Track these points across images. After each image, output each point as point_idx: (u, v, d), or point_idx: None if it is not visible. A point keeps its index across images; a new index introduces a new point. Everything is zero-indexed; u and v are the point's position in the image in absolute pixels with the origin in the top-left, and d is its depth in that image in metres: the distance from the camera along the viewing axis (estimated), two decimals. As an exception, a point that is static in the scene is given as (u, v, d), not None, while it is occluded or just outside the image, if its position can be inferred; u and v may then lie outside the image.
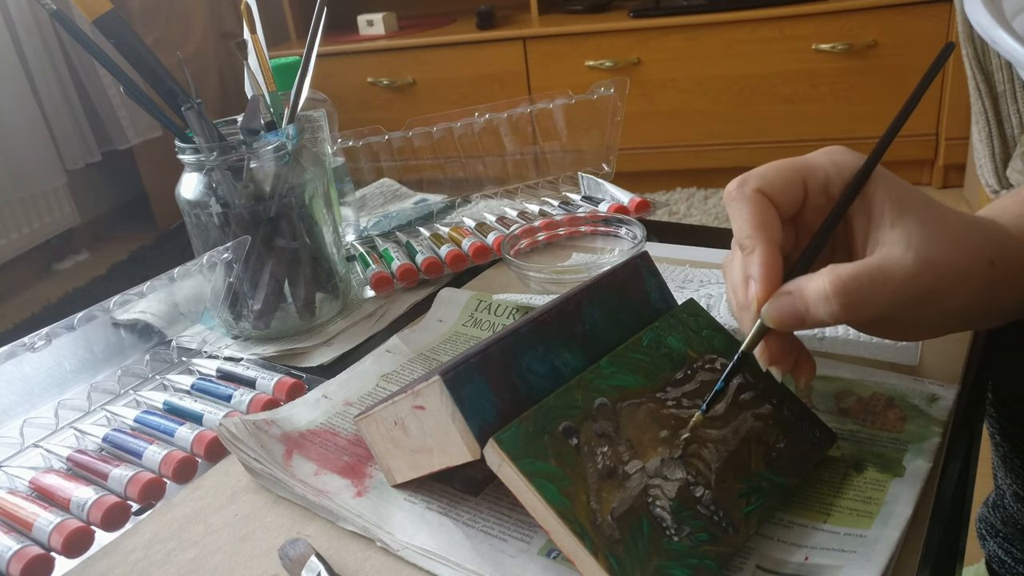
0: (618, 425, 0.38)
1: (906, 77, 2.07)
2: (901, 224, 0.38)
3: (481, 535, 0.40)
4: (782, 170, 0.41)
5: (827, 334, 0.53)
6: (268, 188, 0.60)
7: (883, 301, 0.37)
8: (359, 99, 2.50)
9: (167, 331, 0.61)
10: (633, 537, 0.34)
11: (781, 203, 0.40)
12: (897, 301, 0.37)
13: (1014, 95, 1.25)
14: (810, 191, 0.41)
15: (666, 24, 2.22)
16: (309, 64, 0.62)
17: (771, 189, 0.40)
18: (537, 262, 0.72)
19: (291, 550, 0.40)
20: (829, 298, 0.37)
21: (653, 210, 0.79)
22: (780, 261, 0.39)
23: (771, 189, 0.40)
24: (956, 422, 0.45)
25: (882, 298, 0.37)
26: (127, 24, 0.58)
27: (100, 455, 0.50)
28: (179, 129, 0.60)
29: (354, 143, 0.84)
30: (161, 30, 2.47)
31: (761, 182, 0.40)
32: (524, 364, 0.38)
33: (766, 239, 0.39)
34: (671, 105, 2.30)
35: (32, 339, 0.48)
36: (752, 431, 0.40)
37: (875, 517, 0.38)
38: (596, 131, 0.89)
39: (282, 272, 0.62)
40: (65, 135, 2.29)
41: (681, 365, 0.42)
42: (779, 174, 0.40)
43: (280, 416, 0.50)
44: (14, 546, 0.42)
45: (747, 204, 0.40)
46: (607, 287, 0.43)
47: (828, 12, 2.08)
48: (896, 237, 0.38)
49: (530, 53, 2.35)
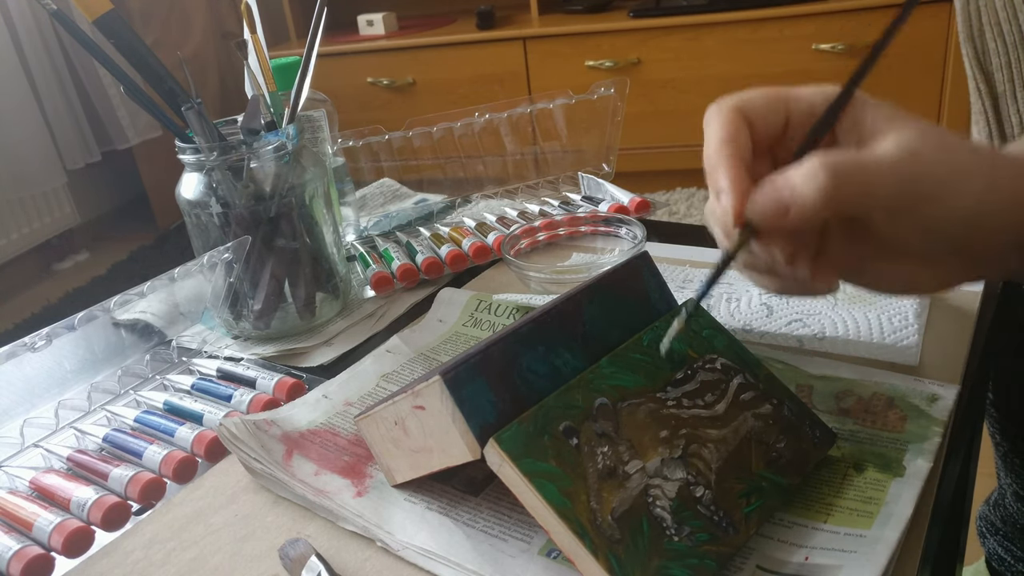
0: (618, 425, 0.38)
1: (906, 77, 2.07)
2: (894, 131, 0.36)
3: (481, 535, 0.40)
4: (765, 94, 0.39)
5: (827, 334, 0.53)
6: (268, 188, 0.60)
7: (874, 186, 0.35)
8: (359, 99, 2.50)
9: (167, 331, 0.61)
10: (633, 537, 0.34)
11: (760, 126, 0.39)
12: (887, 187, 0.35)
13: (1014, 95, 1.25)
14: (792, 119, 0.39)
15: (666, 24, 2.22)
16: (309, 64, 0.62)
17: (749, 109, 0.38)
18: (537, 262, 0.72)
19: (291, 550, 0.40)
20: (817, 171, 0.34)
21: (653, 210, 0.79)
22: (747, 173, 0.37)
23: (749, 109, 0.38)
24: (956, 422, 0.45)
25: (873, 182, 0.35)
26: (127, 24, 0.58)
27: (100, 455, 0.50)
28: (179, 129, 0.60)
29: (354, 143, 0.84)
30: (161, 30, 2.47)
31: (739, 101, 0.38)
32: (524, 364, 0.38)
33: (730, 153, 0.37)
34: (671, 105, 2.30)
35: (32, 339, 0.48)
36: (752, 431, 0.40)
37: (875, 517, 0.38)
38: (596, 131, 0.89)
39: (282, 272, 0.62)
40: (65, 135, 2.29)
41: (681, 365, 0.42)
42: (761, 97, 0.39)
43: (280, 416, 0.50)
44: (14, 546, 0.42)
45: (719, 120, 0.38)
46: (607, 287, 0.43)
47: (828, 12, 2.08)
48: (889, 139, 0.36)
49: (530, 53, 2.35)
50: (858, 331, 0.53)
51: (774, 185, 0.36)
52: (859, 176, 0.35)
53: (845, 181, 0.34)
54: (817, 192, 0.34)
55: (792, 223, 0.36)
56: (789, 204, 0.35)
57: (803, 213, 0.35)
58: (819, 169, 0.34)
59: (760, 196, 0.36)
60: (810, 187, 0.34)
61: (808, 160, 0.35)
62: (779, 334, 0.54)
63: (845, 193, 0.35)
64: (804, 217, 0.35)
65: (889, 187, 0.35)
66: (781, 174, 0.36)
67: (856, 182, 0.35)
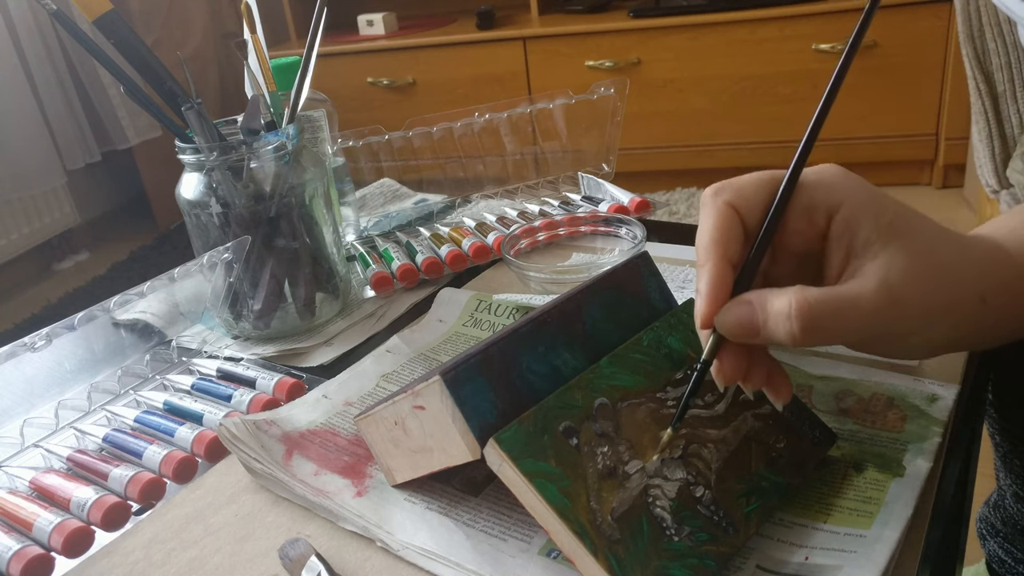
0: (618, 425, 0.38)
1: (906, 77, 2.07)
2: (884, 255, 0.36)
3: (481, 535, 0.40)
4: (762, 184, 0.38)
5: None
6: (268, 188, 0.60)
7: (846, 330, 0.36)
8: (359, 99, 2.50)
9: (167, 331, 0.61)
10: (633, 537, 0.34)
11: (753, 218, 0.38)
12: (862, 334, 0.36)
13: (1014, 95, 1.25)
14: (790, 210, 0.38)
15: (666, 24, 2.22)
16: (309, 64, 0.62)
17: (744, 204, 0.38)
18: (537, 262, 0.72)
19: (291, 550, 0.40)
20: (791, 317, 0.35)
21: (653, 210, 0.79)
22: (728, 278, 0.37)
23: (744, 204, 0.38)
24: (956, 422, 0.45)
25: (845, 328, 0.36)
26: (127, 24, 0.58)
27: (100, 455, 0.50)
28: (179, 129, 0.60)
29: (354, 143, 0.84)
30: (161, 30, 2.47)
31: (734, 196, 0.38)
32: (524, 364, 0.38)
33: (718, 255, 0.37)
34: (671, 105, 2.30)
35: (32, 339, 0.48)
36: (752, 431, 0.40)
37: (875, 517, 0.38)
38: (596, 131, 0.89)
39: (282, 272, 0.62)
40: (65, 135, 2.29)
41: (681, 365, 0.42)
42: (758, 189, 0.38)
43: (280, 416, 0.50)
44: (14, 546, 0.42)
45: (712, 216, 0.38)
46: (607, 287, 0.43)
47: (828, 12, 2.08)
48: (874, 270, 0.36)
49: (530, 53, 2.35)
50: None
51: (748, 303, 0.36)
52: (831, 322, 0.35)
53: (817, 327, 0.35)
54: (786, 334, 0.35)
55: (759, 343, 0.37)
56: (758, 328, 0.36)
57: (769, 341, 0.36)
58: (795, 317, 0.35)
59: (731, 311, 0.37)
60: (781, 329, 0.35)
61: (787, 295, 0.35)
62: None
63: (815, 337, 0.36)
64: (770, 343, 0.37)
65: (861, 331, 0.36)
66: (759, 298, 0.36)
67: (828, 327, 0.36)
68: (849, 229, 0.37)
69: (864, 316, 0.35)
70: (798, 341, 0.35)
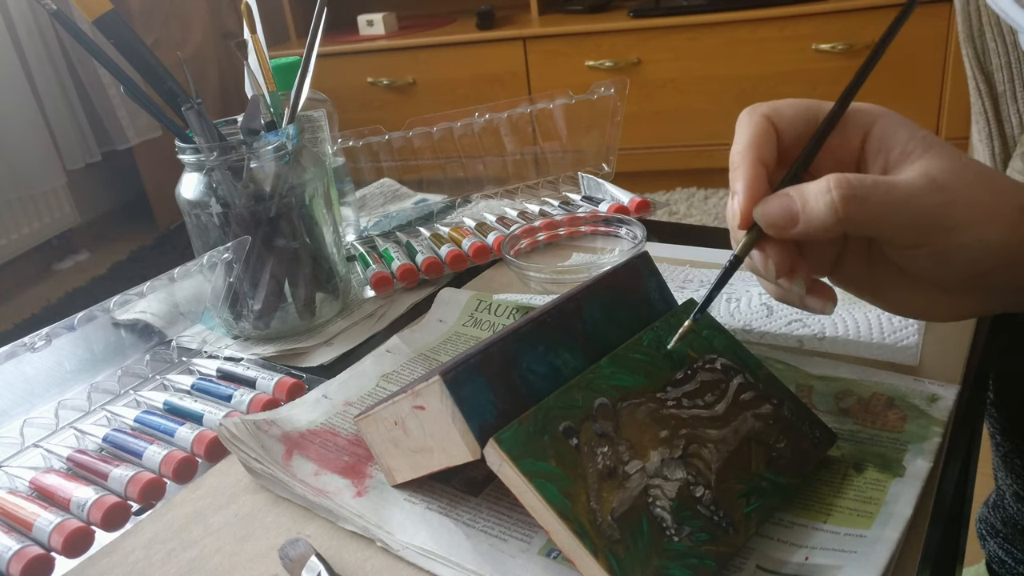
0: (618, 425, 0.38)
1: (906, 77, 2.07)
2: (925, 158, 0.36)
3: (481, 535, 0.40)
4: (796, 104, 0.40)
5: (827, 334, 0.53)
6: (268, 188, 0.60)
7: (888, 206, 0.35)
8: (359, 99, 2.50)
9: (167, 331, 0.61)
10: (633, 537, 0.34)
11: (789, 135, 0.40)
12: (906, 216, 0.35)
13: (1014, 95, 1.25)
14: None
15: (666, 24, 2.22)
16: (309, 64, 0.62)
17: (778, 118, 0.39)
18: (537, 262, 0.72)
19: (291, 550, 0.40)
20: (830, 189, 0.35)
21: (653, 210, 0.79)
22: (764, 177, 0.38)
23: (778, 118, 0.39)
24: (956, 422, 0.45)
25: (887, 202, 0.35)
26: (127, 24, 0.58)
27: (100, 455, 0.50)
28: (179, 129, 0.60)
29: (354, 143, 0.84)
30: (161, 30, 2.47)
31: (772, 112, 0.40)
32: (524, 364, 0.38)
33: (753, 158, 0.38)
34: (671, 105, 2.30)
35: (32, 339, 0.48)
36: (752, 431, 0.40)
37: (875, 517, 0.38)
38: (596, 131, 0.89)
39: (282, 272, 0.62)
40: (65, 135, 2.29)
41: (681, 365, 0.42)
42: (791, 107, 0.40)
43: (280, 416, 0.50)
44: (14, 546, 0.42)
45: (749, 127, 0.39)
46: (607, 287, 0.43)
47: (828, 12, 2.08)
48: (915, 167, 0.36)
49: (530, 53, 2.35)
50: (858, 331, 0.53)
51: (787, 195, 0.36)
52: (873, 200, 0.35)
53: (858, 203, 0.35)
54: (827, 209, 0.35)
55: (798, 235, 0.36)
56: (798, 215, 0.36)
57: (810, 227, 0.36)
58: (834, 188, 0.35)
59: (770, 203, 0.37)
60: (821, 203, 0.35)
61: (825, 177, 0.35)
62: (779, 334, 0.54)
63: (856, 215, 0.35)
64: (810, 231, 0.36)
65: (904, 216, 0.35)
66: (795, 189, 0.36)
67: (869, 206, 0.35)
68: (885, 145, 0.38)
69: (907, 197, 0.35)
70: (840, 213, 0.35)
